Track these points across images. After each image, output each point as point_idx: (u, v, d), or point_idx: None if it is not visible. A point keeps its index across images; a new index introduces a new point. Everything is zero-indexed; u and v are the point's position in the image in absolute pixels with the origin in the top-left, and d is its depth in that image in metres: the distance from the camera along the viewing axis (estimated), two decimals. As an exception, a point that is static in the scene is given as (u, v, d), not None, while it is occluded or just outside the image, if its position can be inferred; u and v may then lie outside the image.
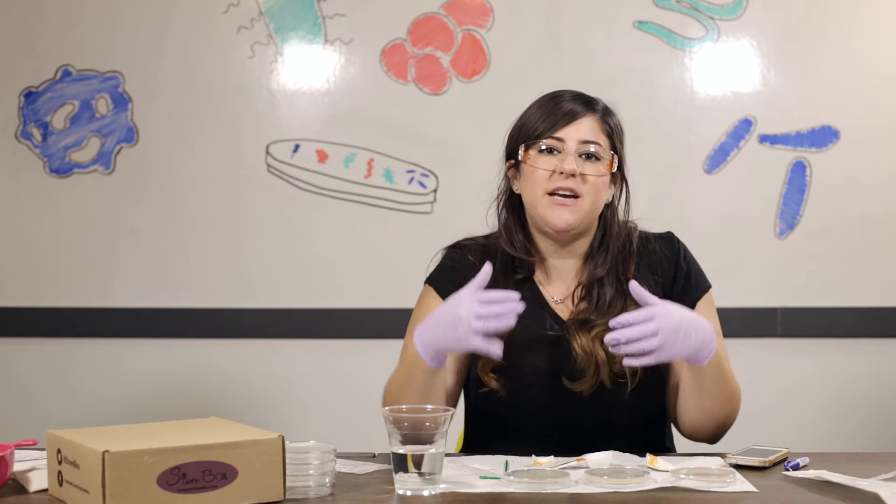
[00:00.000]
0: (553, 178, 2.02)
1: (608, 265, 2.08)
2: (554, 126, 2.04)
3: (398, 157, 3.43)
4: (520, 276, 2.10)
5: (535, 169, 2.03)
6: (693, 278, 2.12)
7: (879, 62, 3.36)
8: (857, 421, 3.38)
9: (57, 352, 3.50)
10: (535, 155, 2.04)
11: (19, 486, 1.76)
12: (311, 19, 3.44)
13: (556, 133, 2.03)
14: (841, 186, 3.37)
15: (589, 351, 2.01)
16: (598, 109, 2.08)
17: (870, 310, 3.37)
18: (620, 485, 1.72)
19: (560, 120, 2.04)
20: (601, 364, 2.00)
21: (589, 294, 2.07)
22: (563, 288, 2.11)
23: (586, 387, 2.01)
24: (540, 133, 2.04)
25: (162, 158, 3.47)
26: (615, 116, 2.11)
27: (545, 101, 2.09)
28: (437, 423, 1.70)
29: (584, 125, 2.04)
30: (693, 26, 3.38)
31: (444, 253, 2.19)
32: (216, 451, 1.60)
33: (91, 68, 3.48)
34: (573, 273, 2.12)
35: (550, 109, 2.06)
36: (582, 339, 2.02)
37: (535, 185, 2.04)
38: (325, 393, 3.45)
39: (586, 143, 2.03)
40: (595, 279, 2.07)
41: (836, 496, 1.68)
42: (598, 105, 2.09)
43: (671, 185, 3.38)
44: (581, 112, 2.05)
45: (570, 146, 2.02)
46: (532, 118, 2.07)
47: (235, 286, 3.46)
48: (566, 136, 2.03)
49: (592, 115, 2.06)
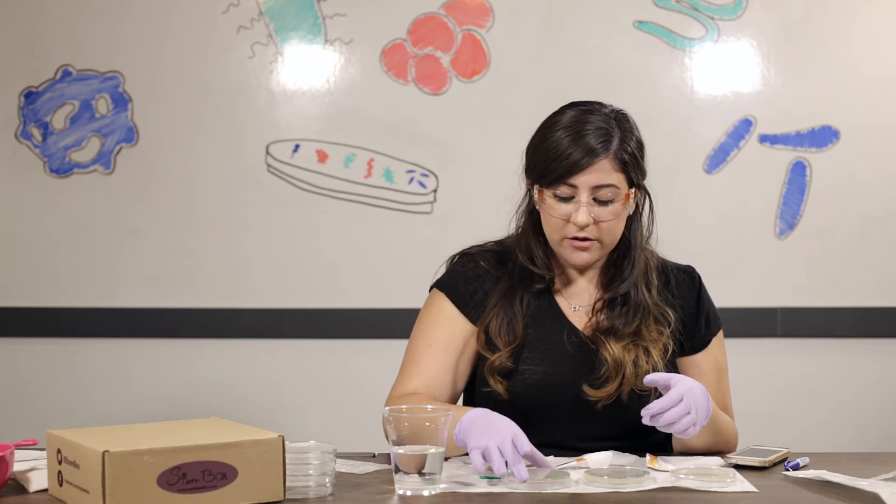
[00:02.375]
0: (568, 227, 2.01)
1: (634, 279, 2.07)
2: (568, 173, 1.98)
3: (398, 157, 3.43)
4: (539, 285, 2.09)
5: (551, 217, 2.02)
6: (711, 317, 2.14)
7: (879, 62, 3.36)
8: (856, 421, 3.38)
9: (57, 352, 3.50)
10: (550, 199, 2.01)
11: (19, 486, 1.76)
12: (311, 19, 3.44)
13: (570, 180, 1.99)
14: (841, 186, 3.37)
15: (619, 360, 2.01)
16: (614, 145, 2.00)
17: (870, 310, 3.37)
18: (620, 485, 1.72)
19: (574, 166, 1.98)
20: (628, 376, 2.00)
21: (611, 304, 2.07)
22: (580, 296, 2.12)
23: (606, 396, 2.00)
24: (554, 179, 2.00)
25: (162, 158, 3.47)
26: (632, 140, 2.04)
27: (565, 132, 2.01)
28: (437, 423, 1.70)
29: (598, 170, 1.99)
30: (693, 26, 3.38)
31: (453, 261, 2.16)
32: (216, 451, 1.60)
33: (91, 68, 3.48)
34: (593, 284, 2.12)
35: (568, 146, 1.99)
36: (613, 347, 2.02)
37: (552, 230, 2.03)
38: (325, 393, 3.45)
39: (599, 188, 1.99)
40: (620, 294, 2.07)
41: (836, 496, 1.68)
42: (615, 140, 2.01)
43: (671, 185, 3.37)
44: (597, 155, 1.98)
45: (583, 197, 1.98)
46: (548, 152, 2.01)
47: (235, 286, 3.46)
48: (580, 183, 1.98)
49: (607, 157, 1.99)
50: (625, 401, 2.01)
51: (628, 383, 2.01)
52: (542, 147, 2.03)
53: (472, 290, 2.09)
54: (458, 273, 2.12)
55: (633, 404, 2.00)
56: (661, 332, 2.06)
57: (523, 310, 2.07)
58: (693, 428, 1.84)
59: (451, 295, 2.09)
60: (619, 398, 2.01)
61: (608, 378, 2.01)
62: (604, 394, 2.01)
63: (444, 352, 2.06)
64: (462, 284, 2.10)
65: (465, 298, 2.09)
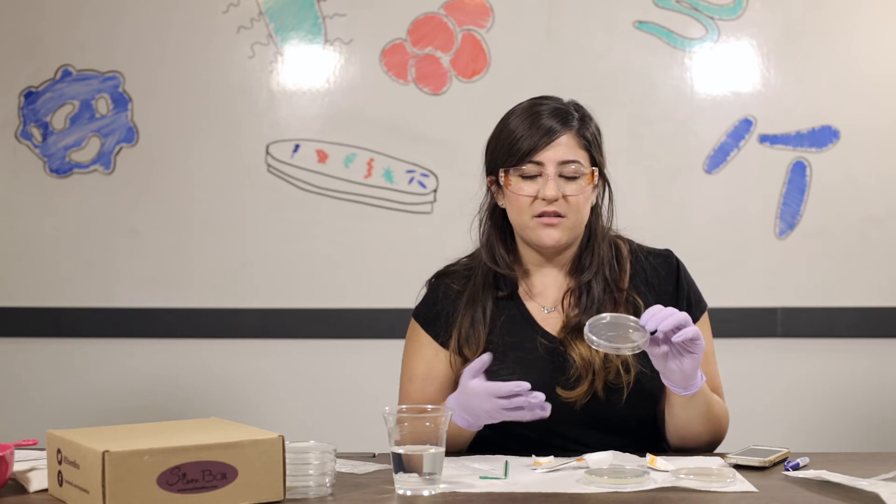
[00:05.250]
0: (536, 203, 2.04)
1: (594, 268, 2.09)
2: (533, 149, 2.03)
3: (398, 157, 3.43)
4: (502, 293, 2.11)
5: (519, 196, 2.05)
6: (693, 299, 2.14)
7: (879, 62, 3.36)
8: (857, 421, 3.38)
9: (57, 352, 3.49)
10: (515, 180, 2.05)
11: (19, 486, 1.76)
12: (311, 19, 3.44)
13: (535, 157, 2.03)
14: (841, 186, 3.37)
15: (587, 358, 2.02)
16: (575, 124, 2.07)
17: (870, 310, 3.37)
18: (620, 485, 1.72)
19: (538, 142, 2.03)
20: (598, 372, 2.01)
21: (579, 299, 2.08)
22: (550, 297, 2.13)
23: (580, 395, 2.01)
24: (519, 157, 2.04)
25: (162, 158, 3.47)
26: (592, 124, 2.10)
27: (522, 117, 2.08)
28: (437, 423, 1.70)
29: (562, 145, 2.04)
30: (693, 26, 3.38)
31: (429, 284, 2.19)
32: (216, 451, 1.60)
33: (91, 68, 3.48)
34: (560, 283, 2.13)
35: (528, 128, 2.05)
36: (580, 347, 2.03)
37: (520, 211, 2.06)
38: (325, 393, 3.45)
39: (565, 163, 2.04)
40: (583, 283, 2.08)
41: (836, 496, 1.68)
42: (574, 119, 2.07)
43: (671, 185, 3.38)
44: (558, 131, 2.04)
45: (549, 170, 2.03)
46: (509, 137, 2.07)
47: (235, 286, 3.46)
48: (545, 159, 2.03)
49: (569, 132, 2.05)
50: (601, 396, 2.02)
51: (599, 378, 2.01)
52: (501, 136, 2.09)
53: (443, 314, 2.13)
54: (430, 299, 2.17)
55: (611, 398, 2.02)
56: None
57: (487, 317, 2.09)
58: (698, 343, 1.86)
59: (424, 324, 2.15)
60: (595, 394, 2.02)
61: (579, 377, 2.02)
62: (577, 394, 2.02)
63: (423, 384, 2.12)
64: (434, 311, 2.14)
65: (437, 325, 2.13)
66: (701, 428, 2.03)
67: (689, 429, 2.03)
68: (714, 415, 2.04)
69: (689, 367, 1.90)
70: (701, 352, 1.90)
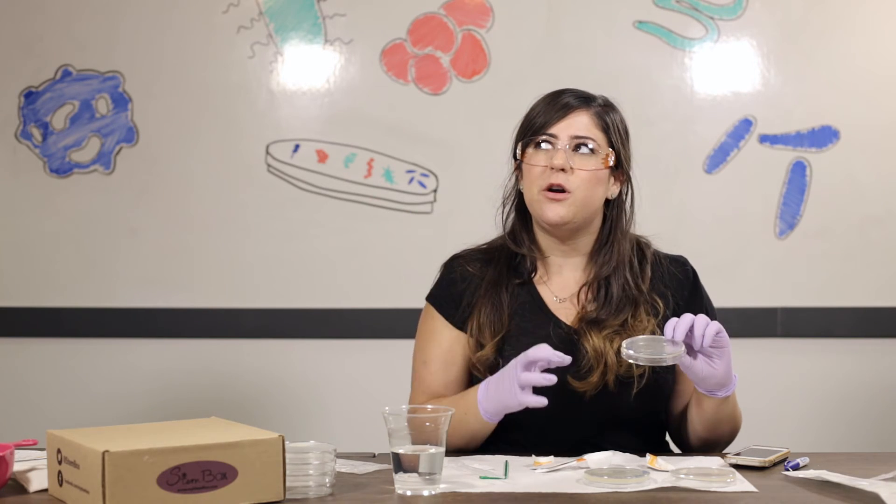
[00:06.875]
0: (545, 174, 2.04)
1: (614, 263, 2.08)
2: (548, 122, 2.05)
3: (398, 157, 3.43)
4: (518, 280, 2.11)
5: (531, 166, 2.05)
6: (709, 307, 2.15)
7: (879, 62, 3.36)
8: (857, 421, 3.38)
9: (57, 352, 3.49)
10: (531, 152, 2.07)
11: (19, 486, 1.76)
12: (311, 19, 3.44)
13: (550, 129, 2.05)
14: (841, 186, 3.37)
15: (600, 350, 2.02)
16: (595, 105, 2.08)
17: (870, 310, 3.37)
18: (620, 485, 1.72)
19: (554, 115, 2.05)
20: (610, 365, 2.01)
21: (597, 293, 2.08)
22: (565, 287, 2.12)
23: (591, 386, 2.01)
24: (534, 130, 2.06)
25: (162, 158, 3.47)
26: (617, 113, 2.12)
27: (545, 99, 2.10)
28: (438, 423, 1.70)
29: (578, 120, 2.05)
30: (693, 26, 3.38)
31: (444, 266, 2.18)
32: (216, 451, 1.60)
33: (91, 68, 3.48)
34: (577, 272, 2.12)
35: (548, 104, 2.08)
36: (594, 338, 2.03)
37: (531, 182, 2.06)
38: (325, 393, 3.45)
39: (578, 137, 2.04)
40: (601, 278, 2.08)
41: (836, 496, 1.68)
42: (597, 101, 2.10)
43: (671, 185, 3.38)
44: (576, 107, 2.06)
45: (561, 141, 2.04)
46: (530, 114, 2.10)
47: (235, 286, 3.46)
48: (558, 131, 2.05)
49: (587, 111, 2.07)
50: (612, 389, 2.02)
51: (611, 371, 2.01)
52: (525, 117, 2.11)
53: (459, 296, 2.11)
54: (446, 281, 2.15)
55: (621, 392, 2.02)
56: (650, 321, 2.06)
57: (508, 300, 2.08)
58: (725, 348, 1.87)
59: (439, 306, 2.13)
60: (607, 387, 2.02)
61: (591, 368, 2.02)
62: (588, 385, 2.01)
63: (440, 367, 2.10)
64: (449, 293, 2.13)
65: (452, 307, 2.11)
66: (728, 426, 2.04)
67: (719, 429, 2.03)
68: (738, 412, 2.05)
69: (722, 369, 1.90)
70: (728, 345, 1.90)
